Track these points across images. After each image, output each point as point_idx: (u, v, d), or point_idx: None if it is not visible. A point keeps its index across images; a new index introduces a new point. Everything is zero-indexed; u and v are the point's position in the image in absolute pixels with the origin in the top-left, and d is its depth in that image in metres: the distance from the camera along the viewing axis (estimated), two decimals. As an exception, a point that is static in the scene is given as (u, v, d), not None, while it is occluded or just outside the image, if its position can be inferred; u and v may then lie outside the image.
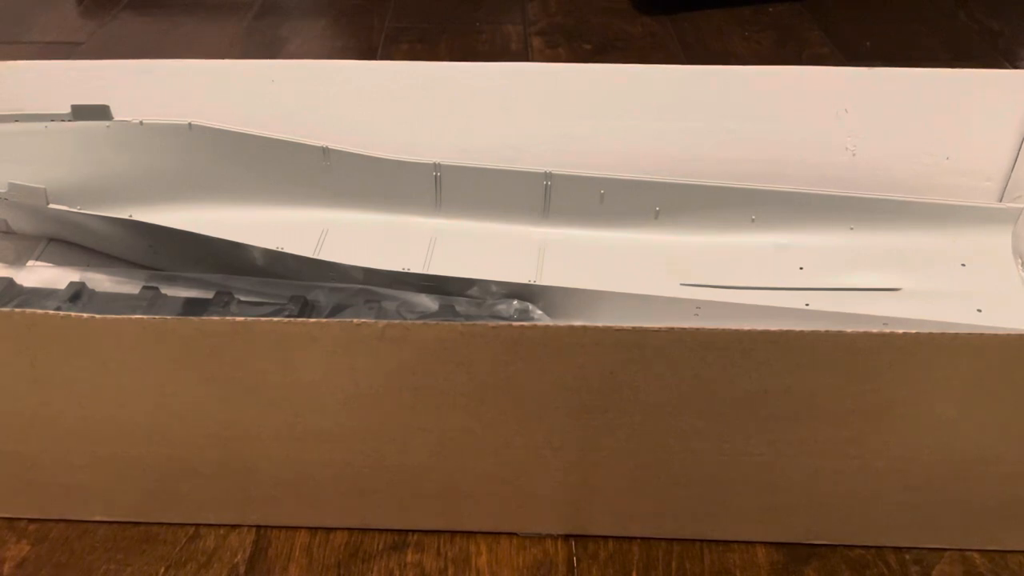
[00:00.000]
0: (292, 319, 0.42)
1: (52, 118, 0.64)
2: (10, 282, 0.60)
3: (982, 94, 0.66)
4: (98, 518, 0.53)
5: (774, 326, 0.40)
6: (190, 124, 0.65)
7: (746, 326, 0.41)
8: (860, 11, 1.21)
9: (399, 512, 0.52)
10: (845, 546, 0.52)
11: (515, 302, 0.58)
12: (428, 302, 0.58)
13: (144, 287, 0.60)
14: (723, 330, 0.41)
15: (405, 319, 0.57)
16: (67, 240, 0.66)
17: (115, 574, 0.51)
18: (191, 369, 0.44)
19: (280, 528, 0.53)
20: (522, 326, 0.41)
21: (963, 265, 0.64)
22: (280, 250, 0.58)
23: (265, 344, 0.43)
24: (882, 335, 0.40)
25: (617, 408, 0.44)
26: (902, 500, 0.49)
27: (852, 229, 0.66)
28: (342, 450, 0.48)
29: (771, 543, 0.52)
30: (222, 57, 0.82)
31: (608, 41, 1.13)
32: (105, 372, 0.44)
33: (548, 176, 0.66)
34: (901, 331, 0.40)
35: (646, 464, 0.48)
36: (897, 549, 0.52)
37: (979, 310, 0.60)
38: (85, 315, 0.42)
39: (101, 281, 0.62)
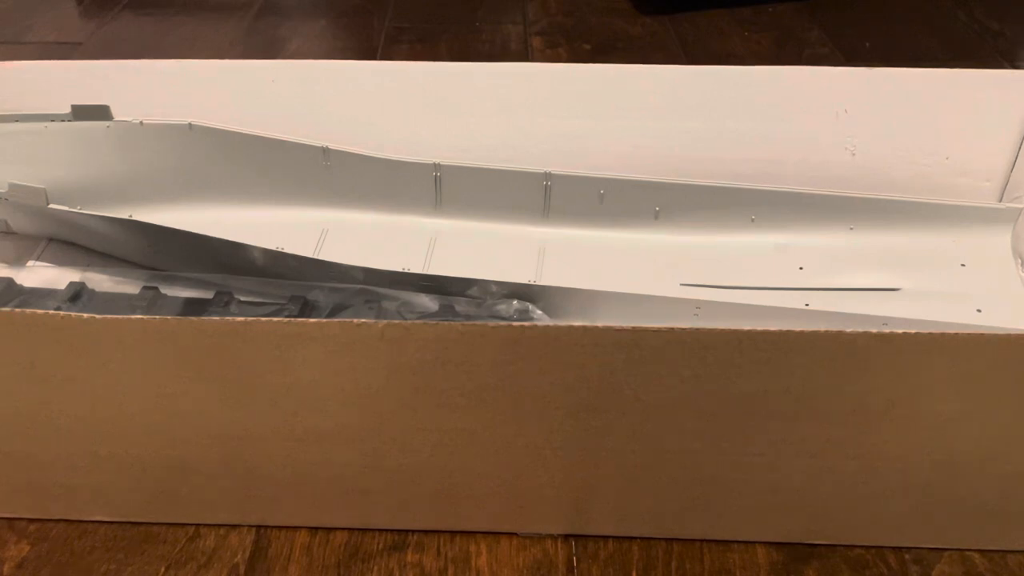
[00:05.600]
0: (292, 319, 0.42)
1: (52, 118, 0.64)
2: (10, 282, 0.60)
3: (982, 94, 0.66)
4: (98, 518, 0.53)
5: (774, 326, 0.40)
6: (190, 124, 0.65)
7: (746, 326, 0.41)
8: (860, 11, 1.21)
9: (399, 512, 0.52)
10: (845, 546, 0.52)
11: (515, 302, 0.58)
12: (428, 302, 0.58)
13: (144, 287, 0.60)
14: (723, 330, 0.41)
15: (405, 319, 0.57)
16: (67, 240, 0.66)
17: (115, 574, 0.51)
18: (191, 369, 0.44)
19: (280, 528, 0.53)
20: (522, 326, 0.41)
21: (963, 265, 0.64)
22: (280, 250, 0.58)
23: (265, 344, 0.43)
24: (882, 335, 0.40)
25: (617, 408, 0.44)
26: (902, 500, 0.49)
27: (852, 229, 0.66)
28: (342, 450, 0.48)
29: (771, 543, 0.52)
30: (222, 57, 0.82)
31: (608, 41, 1.13)
32: (105, 372, 0.44)
33: (548, 176, 0.66)
34: (901, 331, 0.40)
35: (646, 464, 0.48)
36: (897, 549, 0.52)
37: (979, 310, 0.60)
38: (85, 315, 0.42)
39: (101, 281, 0.62)
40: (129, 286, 0.62)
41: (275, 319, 0.42)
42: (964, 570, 0.51)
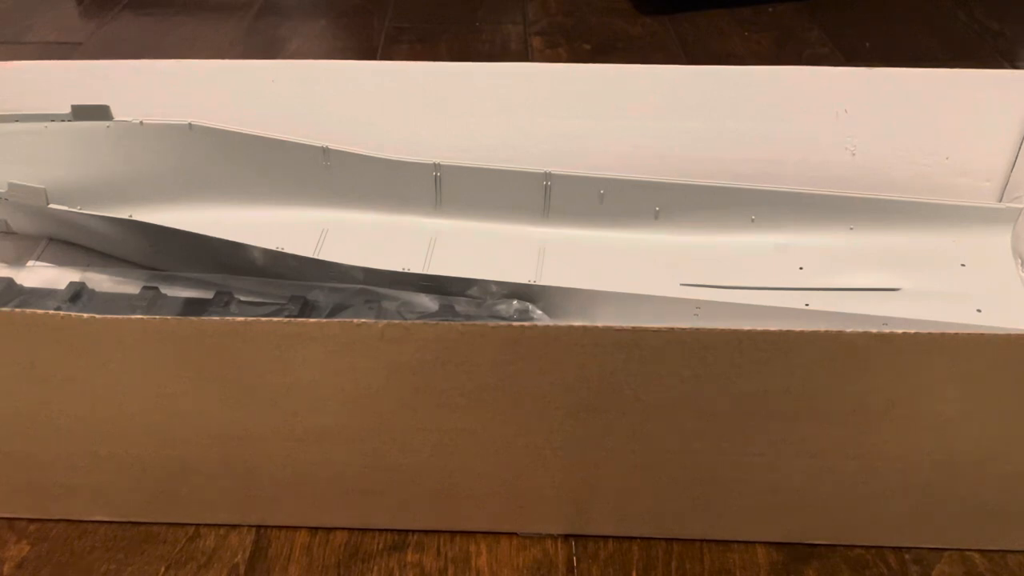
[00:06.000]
0: (292, 319, 0.42)
1: (52, 118, 0.64)
2: (10, 282, 0.60)
3: (982, 94, 0.66)
4: (98, 518, 0.53)
5: (774, 326, 0.40)
6: (190, 124, 0.65)
7: (746, 326, 0.41)
8: (860, 11, 1.21)
9: (399, 512, 0.52)
10: (845, 546, 0.52)
11: (515, 302, 0.58)
12: (428, 302, 0.58)
13: (144, 287, 0.60)
14: (723, 330, 0.41)
15: (405, 319, 0.57)
16: (67, 240, 0.66)
17: (115, 574, 0.51)
18: (191, 369, 0.44)
19: (280, 528, 0.53)
20: (522, 326, 0.41)
21: (963, 265, 0.64)
22: (280, 250, 0.58)
23: (265, 344, 0.43)
24: (882, 335, 0.40)
25: (617, 408, 0.44)
26: (902, 500, 0.49)
27: (852, 229, 0.66)
28: (342, 450, 0.48)
29: (771, 543, 0.52)
30: (222, 57, 0.82)
31: (608, 41, 1.13)
32: (105, 372, 0.44)
33: (548, 176, 0.66)
34: (901, 331, 0.40)
35: (646, 464, 0.48)
36: (897, 549, 0.52)
37: (979, 310, 0.60)
38: (85, 315, 0.42)
39: (101, 281, 0.62)
40: (129, 286, 0.62)
41: (275, 319, 0.42)
42: (964, 570, 0.51)
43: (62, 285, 0.60)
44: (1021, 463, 0.46)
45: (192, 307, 0.59)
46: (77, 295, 0.59)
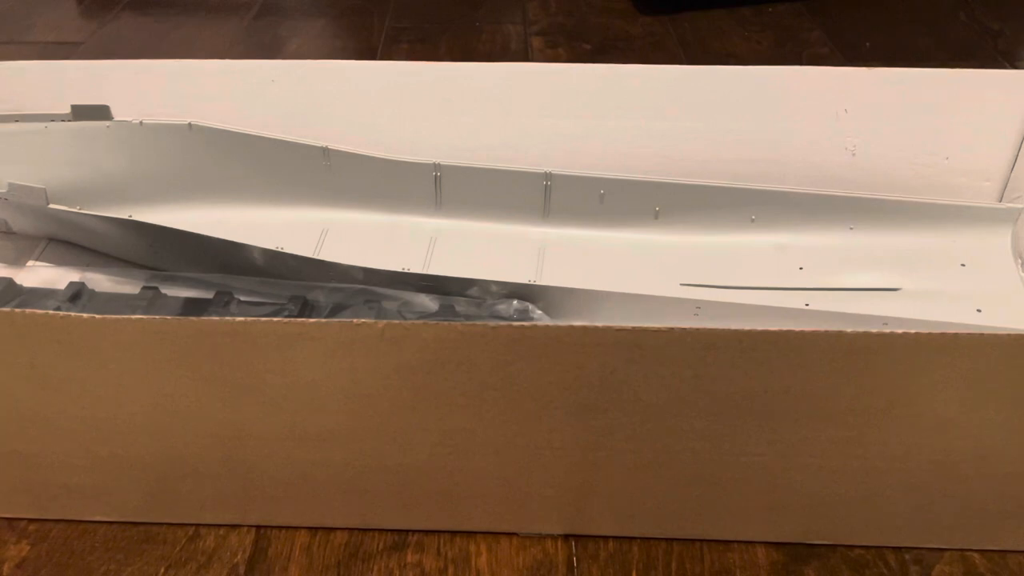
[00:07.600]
0: (292, 319, 0.42)
1: (52, 118, 0.64)
2: (10, 282, 0.60)
3: (982, 94, 0.66)
4: (98, 518, 0.53)
5: (774, 326, 0.40)
6: (190, 124, 0.65)
7: (746, 326, 0.41)
8: (860, 11, 1.21)
9: (399, 512, 0.52)
10: (845, 546, 0.52)
11: (515, 302, 0.58)
12: (428, 302, 0.58)
13: (144, 287, 0.60)
14: (723, 330, 0.41)
15: (405, 319, 0.57)
16: (67, 240, 0.66)
17: (115, 574, 0.51)
18: (191, 369, 0.44)
19: (280, 528, 0.53)
20: (522, 326, 0.41)
21: (963, 265, 0.64)
22: (280, 250, 0.58)
23: (265, 344, 0.43)
24: (882, 335, 0.40)
25: (617, 408, 0.44)
26: (902, 500, 0.49)
27: (852, 229, 0.66)
28: (342, 450, 0.48)
29: (771, 543, 0.52)
30: (222, 57, 0.82)
31: (608, 41, 1.14)
32: (105, 372, 0.44)
33: (548, 176, 0.66)
34: (901, 331, 0.40)
35: (646, 464, 0.48)
36: (897, 549, 0.52)
37: (979, 310, 0.60)
38: (85, 315, 0.42)
39: (101, 281, 0.62)
40: (129, 286, 0.62)
41: (275, 319, 0.42)
42: (964, 570, 0.51)
43: (62, 285, 0.60)
44: (1021, 463, 0.46)
45: (192, 307, 0.59)
46: (77, 295, 0.59)
